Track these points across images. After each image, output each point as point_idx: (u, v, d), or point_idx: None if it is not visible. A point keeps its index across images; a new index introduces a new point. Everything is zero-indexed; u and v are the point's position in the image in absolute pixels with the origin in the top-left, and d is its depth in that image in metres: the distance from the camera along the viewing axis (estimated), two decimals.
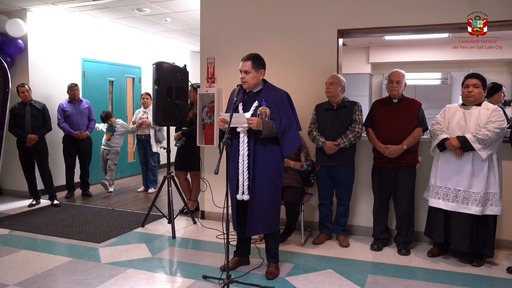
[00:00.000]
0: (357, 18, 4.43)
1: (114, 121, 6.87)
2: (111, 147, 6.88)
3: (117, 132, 6.86)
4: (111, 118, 6.83)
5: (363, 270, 3.63)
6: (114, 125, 6.85)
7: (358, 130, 4.04)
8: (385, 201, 4.13)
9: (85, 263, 3.73)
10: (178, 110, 4.58)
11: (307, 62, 4.64)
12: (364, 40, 8.28)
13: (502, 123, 3.52)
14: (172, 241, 4.40)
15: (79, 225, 4.88)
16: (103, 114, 6.81)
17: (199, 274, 3.48)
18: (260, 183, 3.27)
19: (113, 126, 6.84)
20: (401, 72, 4.02)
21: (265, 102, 3.29)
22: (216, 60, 4.99)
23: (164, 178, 4.77)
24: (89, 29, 7.27)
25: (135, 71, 8.50)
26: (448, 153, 3.69)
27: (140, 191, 6.88)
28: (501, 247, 4.07)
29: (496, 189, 3.59)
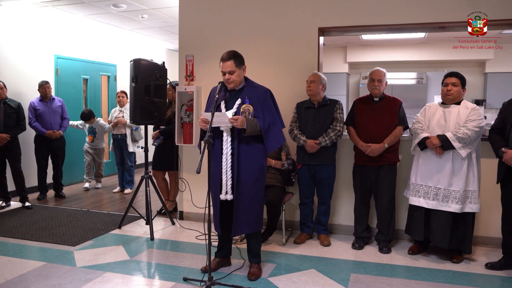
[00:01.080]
0: (337, 16, 4.42)
1: (94, 120, 6.70)
2: (96, 147, 6.81)
3: (98, 133, 6.73)
4: (93, 118, 6.68)
5: (345, 269, 3.61)
6: (93, 126, 6.68)
7: (340, 128, 4.03)
8: (366, 200, 4.13)
9: (60, 268, 3.58)
10: (157, 108, 4.47)
11: (288, 60, 4.60)
12: (341, 39, 8.32)
13: (481, 122, 3.57)
14: (150, 242, 4.29)
15: (52, 228, 4.71)
16: (86, 111, 6.68)
17: (179, 276, 3.39)
18: (245, 182, 3.21)
19: (94, 128, 6.68)
20: (382, 70, 4.02)
21: (248, 100, 3.23)
22: (195, 57, 4.90)
23: (141, 178, 4.64)
24: (63, 25, 7.05)
25: (111, 69, 8.30)
26: (428, 152, 3.71)
27: (116, 191, 6.72)
28: (478, 243, 4.14)
29: (475, 187, 3.64)
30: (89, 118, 6.67)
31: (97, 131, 6.76)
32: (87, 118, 6.67)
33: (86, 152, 6.90)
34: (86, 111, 6.71)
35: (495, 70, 8.59)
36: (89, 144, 6.82)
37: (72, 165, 7.13)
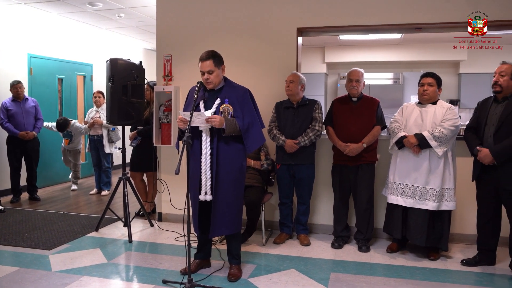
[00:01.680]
0: (316, 16, 4.44)
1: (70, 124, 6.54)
2: (72, 149, 6.71)
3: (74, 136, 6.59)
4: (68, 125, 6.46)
5: (325, 268, 3.63)
6: (69, 129, 6.53)
7: (319, 128, 4.04)
8: (345, 199, 4.16)
9: (34, 272, 3.48)
10: (134, 108, 4.41)
11: (267, 60, 4.60)
12: (319, 40, 8.38)
13: (456, 121, 3.64)
14: (129, 245, 4.22)
15: (26, 232, 4.58)
16: (61, 121, 6.39)
17: (158, 278, 3.35)
18: (224, 183, 3.19)
19: (69, 131, 6.53)
20: (360, 71, 4.06)
21: (228, 100, 3.20)
22: (173, 57, 4.84)
23: (119, 180, 4.57)
24: (36, 23, 6.88)
25: (87, 69, 8.15)
26: (406, 151, 3.76)
27: (92, 193, 6.59)
28: (454, 240, 4.21)
29: (451, 185, 3.71)
30: (65, 128, 6.43)
31: (73, 134, 6.61)
32: (63, 128, 6.42)
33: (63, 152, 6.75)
34: (61, 120, 6.42)
35: (468, 70, 8.79)
36: (65, 146, 6.68)
37: (46, 166, 6.96)
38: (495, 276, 3.48)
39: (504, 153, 3.31)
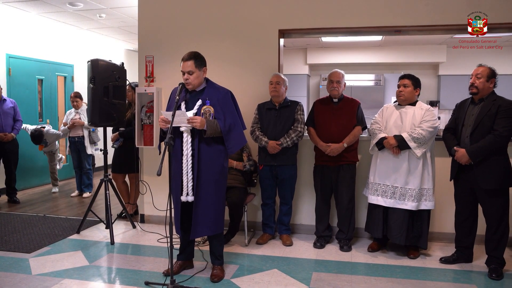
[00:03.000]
0: (297, 18, 4.48)
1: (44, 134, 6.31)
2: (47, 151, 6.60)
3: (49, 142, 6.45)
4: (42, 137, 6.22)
5: (307, 268, 3.66)
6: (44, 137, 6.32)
7: (301, 129, 4.08)
8: (327, 199, 4.21)
9: (14, 276, 3.43)
10: (116, 110, 4.38)
11: (249, 61, 4.62)
12: (302, 41, 8.43)
13: (435, 122, 3.72)
14: (111, 247, 4.19)
15: (5, 235, 4.51)
16: (36, 133, 6.13)
17: (140, 280, 3.33)
18: (205, 183, 3.19)
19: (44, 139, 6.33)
20: (340, 72, 4.11)
21: (209, 101, 3.21)
22: (155, 58, 4.83)
23: (101, 181, 4.52)
24: (15, 23, 6.77)
25: (67, 70, 8.05)
26: (386, 152, 3.83)
27: (74, 195, 6.51)
28: (434, 239, 4.30)
29: (429, 185, 3.78)
30: (40, 140, 6.20)
31: (48, 141, 6.37)
32: (39, 141, 6.20)
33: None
34: (36, 132, 6.14)
35: (447, 72, 8.95)
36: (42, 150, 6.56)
37: (26, 169, 6.85)
38: (472, 273, 3.57)
39: (479, 153, 3.40)
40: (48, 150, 6.59)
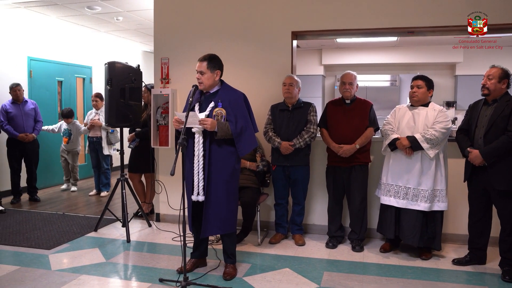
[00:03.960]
0: (310, 20, 4.51)
1: (72, 120, 6.69)
2: (70, 149, 6.79)
3: (73, 135, 6.69)
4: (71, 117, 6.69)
5: (319, 267, 3.70)
6: (70, 127, 6.65)
7: (313, 130, 4.12)
8: (339, 200, 4.23)
9: (34, 271, 3.56)
10: (132, 111, 4.48)
11: (262, 63, 4.67)
12: (316, 42, 8.44)
13: (448, 123, 3.71)
14: (127, 245, 4.29)
15: (26, 232, 4.66)
16: (67, 109, 6.72)
17: (155, 277, 3.42)
18: (215, 184, 3.26)
19: (69, 130, 6.64)
20: (353, 73, 4.14)
21: (221, 103, 3.28)
22: (170, 60, 4.92)
23: (117, 181, 4.64)
24: (36, 27, 6.96)
25: (86, 71, 8.23)
26: (398, 153, 3.84)
27: (92, 194, 6.66)
28: (447, 240, 4.28)
29: (442, 186, 3.78)
30: (69, 116, 6.67)
31: (73, 132, 6.71)
32: (68, 116, 6.66)
33: (61, 154, 6.83)
34: (67, 109, 6.75)
35: (464, 72, 8.84)
36: (64, 146, 6.76)
37: (46, 168, 7.03)
38: (486, 275, 3.55)
39: (493, 154, 3.39)
40: (71, 149, 6.75)
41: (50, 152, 7.07)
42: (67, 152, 6.81)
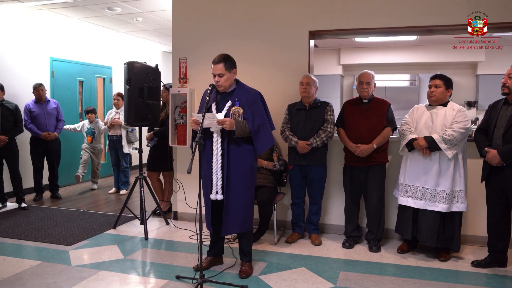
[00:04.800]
0: (328, 19, 4.50)
1: (93, 117, 6.84)
2: (94, 148, 6.92)
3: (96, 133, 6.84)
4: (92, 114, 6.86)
5: (335, 267, 3.69)
6: (93, 126, 6.80)
7: (330, 130, 4.11)
8: (356, 200, 4.21)
9: (55, 266, 3.65)
10: (150, 110, 4.55)
11: (279, 63, 4.68)
12: (335, 42, 8.41)
13: (467, 123, 3.66)
14: (145, 242, 4.35)
15: (48, 228, 4.77)
16: (89, 108, 6.91)
17: (172, 274, 3.46)
18: (234, 182, 3.28)
19: (93, 129, 6.78)
20: (370, 73, 4.11)
21: (238, 102, 3.30)
22: (188, 60, 4.97)
23: (136, 179, 4.71)
24: (58, 28, 7.12)
25: (106, 71, 8.37)
26: (416, 153, 3.80)
27: (111, 192, 6.78)
28: (467, 242, 4.22)
29: (461, 186, 3.72)
30: (92, 111, 6.85)
31: (95, 131, 6.84)
32: (91, 111, 6.84)
33: (84, 149, 6.95)
34: (89, 108, 6.95)
35: (486, 72, 8.69)
36: (88, 144, 6.89)
37: (68, 166, 7.17)
38: (506, 278, 3.48)
39: (511, 154, 3.32)
40: (95, 147, 6.88)
41: (71, 150, 7.22)
42: (91, 150, 6.93)
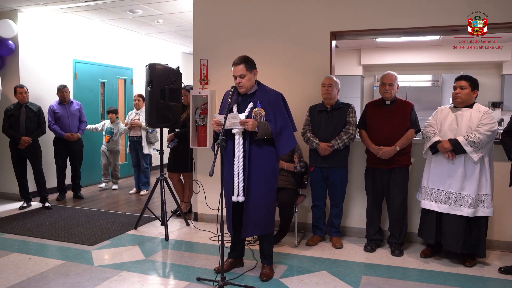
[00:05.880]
0: (349, 20, 4.45)
1: (114, 118, 6.94)
2: (111, 148, 7.00)
3: (115, 134, 6.90)
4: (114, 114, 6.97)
5: (357, 271, 3.64)
6: (113, 126, 6.89)
7: (352, 131, 4.06)
8: (378, 202, 4.15)
9: (78, 266, 3.70)
10: (171, 111, 4.57)
11: (300, 64, 4.65)
12: (355, 42, 8.33)
13: (493, 126, 3.56)
14: (165, 243, 4.38)
15: (71, 228, 4.84)
16: (111, 108, 7.04)
17: (193, 276, 3.47)
18: (256, 184, 3.27)
19: (112, 129, 6.87)
20: (393, 74, 4.04)
21: (260, 104, 3.29)
22: (209, 61, 4.98)
23: (157, 180, 4.74)
24: (81, 30, 7.23)
25: (127, 73, 8.46)
26: (440, 156, 3.72)
27: (132, 193, 6.84)
28: (493, 247, 4.11)
29: (488, 190, 3.63)
30: (113, 112, 6.96)
31: (114, 131, 6.93)
32: (112, 112, 6.96)
33: (102, 153, 7.06)
34: (111, 108, 7.09)
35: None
36: (106, 145, 6.98)
37: (90, 166, 7.28)
38: None
39: None
40: (112, 148, 6.97)
41: (93, 151, 7.31)
42: (108, 151, 7.02)
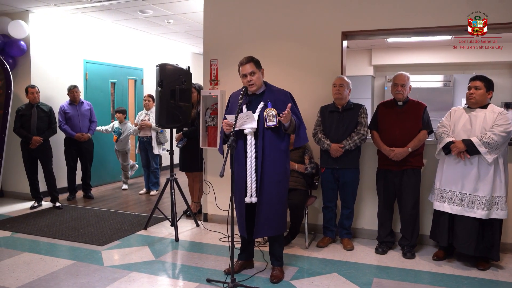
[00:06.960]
0: (361, 20, 4.41)
1: (122, 118, 6.95)
2: (120, 149, 7.05)
3: (123, 134, 6.93)
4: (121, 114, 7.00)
5: (368, 273, 3.60)
6: (121, 127, 6.91)
7: (364, 132, 4.02)
8: (389, 204, 4.11)
9: (88, 266, 3.70)
10: (182, 112, 4.56)
11: (311, 64, 4.62)
12: (366, 42, 8.26)
13: (508, 127, 3.50)
14: (175, 244, 4.37)
15: (81, 228, 4.86)
16: (119, 108, 7.09)
17: (202, 277, 3.45)
18: (268, 185, 3.25)
19: (120, 128, 6.88)
20: (405, 75, 4.00)
21: (271, 103, 3.27)
22: (219, 62, 4.97)
23: (167, 181, 4.74)
24: (91, 31, 7.26)
25: (137, 73, 8.49)
26: (453, 157, 3.66)
27: (142, 193, 6.86)
28: (507, 250, 4.05)
29: (502, 192, 3.57)
30: (120, 112, 7.00)
31: (123, 131, 6.95)
32: (119, 111, 7.00)
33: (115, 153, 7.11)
34: (120, 108, 7.13)
35: None
36: (115, 145, 7.01)
37: (100, 167, 7.31)
38: None
39: None
40: (121, 148, 7.00)
41: (103, 151, 7.35)
42: (118, 152, 7.05)
